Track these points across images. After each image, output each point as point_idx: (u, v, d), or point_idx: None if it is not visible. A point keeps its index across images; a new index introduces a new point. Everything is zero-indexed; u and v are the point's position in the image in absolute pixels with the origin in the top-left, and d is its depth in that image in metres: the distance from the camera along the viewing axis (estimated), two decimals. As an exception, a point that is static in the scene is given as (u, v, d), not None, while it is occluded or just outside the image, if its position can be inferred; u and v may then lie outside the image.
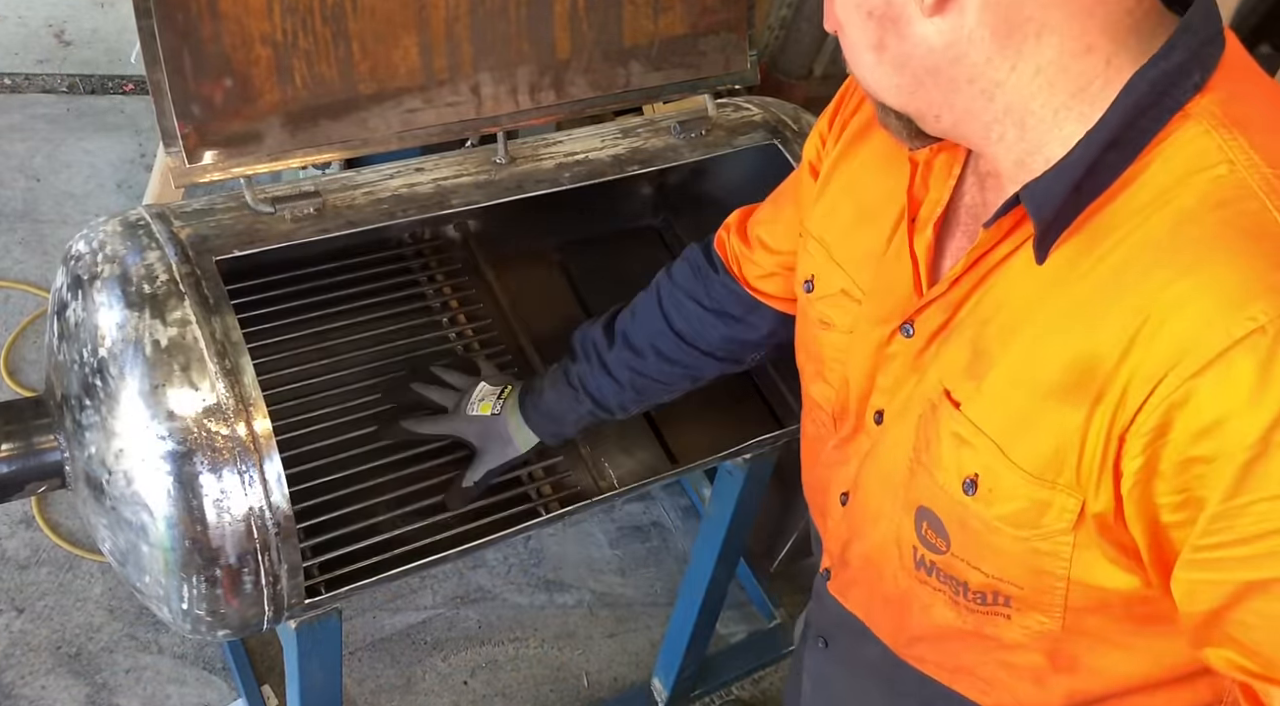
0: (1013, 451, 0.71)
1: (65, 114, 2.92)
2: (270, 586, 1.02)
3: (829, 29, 0.78)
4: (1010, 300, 0.72)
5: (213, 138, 1.06)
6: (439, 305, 1.33)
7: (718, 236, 1.15)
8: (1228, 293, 0.60)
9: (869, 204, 0.88)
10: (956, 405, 0.75)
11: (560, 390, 1.19)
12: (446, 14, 1.14)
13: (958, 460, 0.75)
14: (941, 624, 0.85)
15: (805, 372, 0.99)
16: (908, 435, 0.81)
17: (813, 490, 1.01)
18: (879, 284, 0.86)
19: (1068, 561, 0.72)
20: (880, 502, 0.86)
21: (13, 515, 2.05)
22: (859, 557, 0.92)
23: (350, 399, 1.21)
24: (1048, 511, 0.71)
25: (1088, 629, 0.77)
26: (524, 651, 2.07)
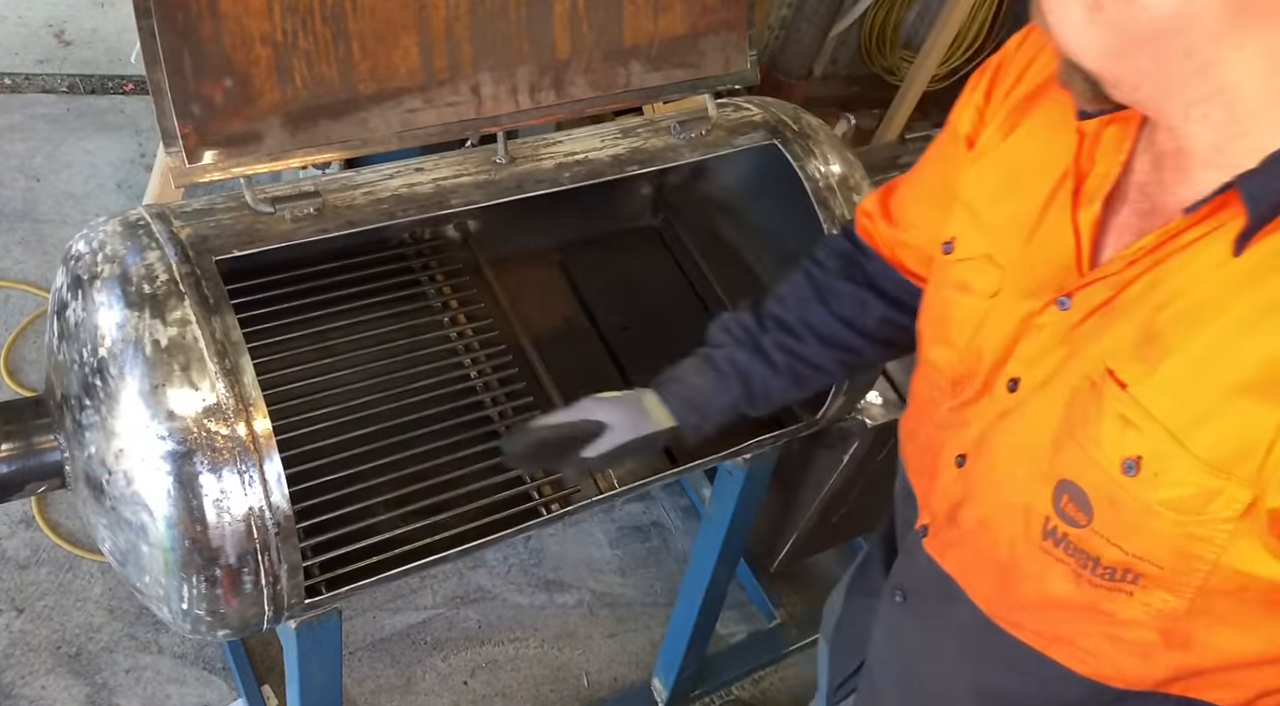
0: (1189, 440, 0.71)
1: (65, 114, 2.92)
2: (270, 586, 1.02)
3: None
4: (1195, 288, 0.71)
5: (213, 138, 1.06)
6: (439, 305, 1.33)
7: (859, 223, 1.13)
8: None
9: (1023, 172, 0.87)
10: (1123, 386, 0.74)
11: (705, 375, 1.11)
12: (446, 14, 1.14)
13: (1120, 441, 0.74)
14: (1055, 595, 0.84)
15: (925, 336, 0.99)
16: (1054, 408, 0.80)
17: (920, 449, 1.00)
18: (1031, 253, 0.85)
19: (1221, 548, 0.72)
20: (1010, 470, 0.85)
21: (13, 515, 2.05)
22: (972, 520, 0.91)
23: (350, 399, 1.21)
24: (1216, 499, 0.71)
25: (1213, 610, 0.77)
26: (524, 651, 2.07)
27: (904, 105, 3.10)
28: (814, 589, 2.32)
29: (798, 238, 1.48)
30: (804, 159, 1.38)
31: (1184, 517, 0.72)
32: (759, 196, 1.55)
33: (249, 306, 1.17)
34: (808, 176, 1.37)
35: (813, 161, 1.38)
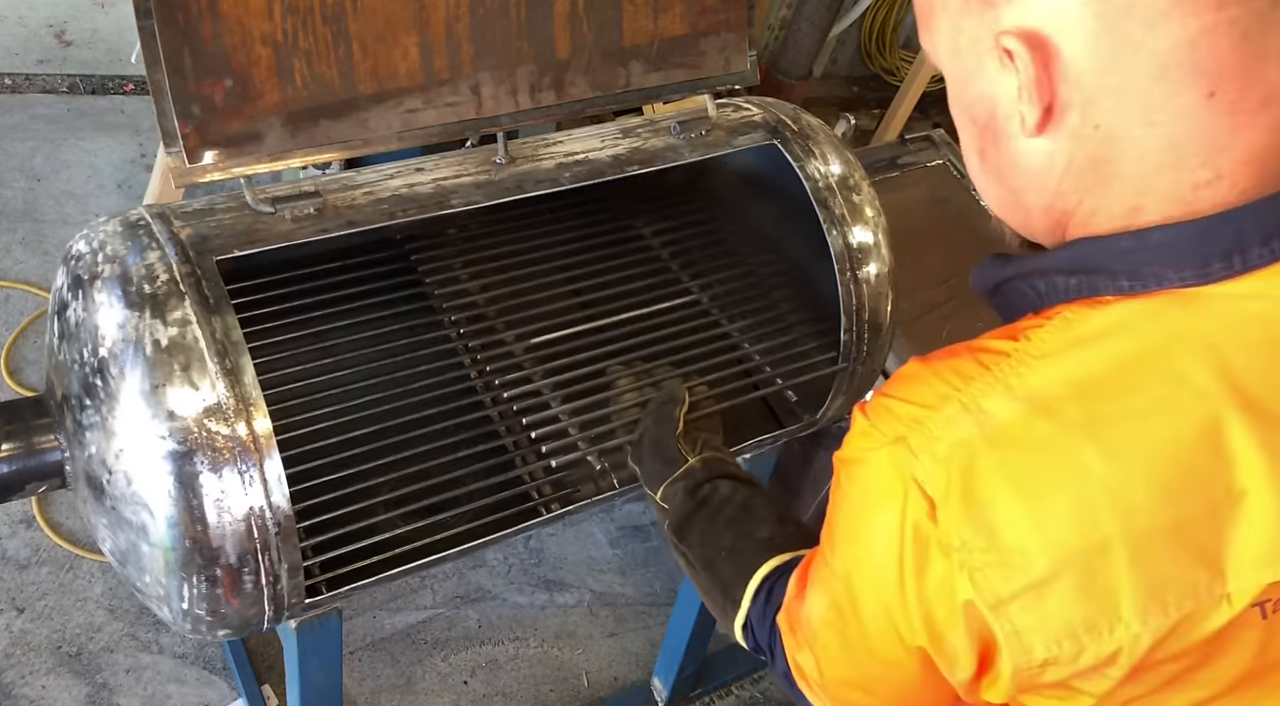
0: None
1: (65, 114, 2.92)
2: (270, 586, 1.03)
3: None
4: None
5: (213, 138, 1.06)
6: (439, 305, 1.33)
7: None
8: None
9: None
10: None
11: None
12: (446, 14, 1.15)
13: None
14: None
15: None
16: None
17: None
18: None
19: None
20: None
21: (13, 515, 2.05)
22: None
23: (350, 399, 1.20)
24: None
25: None
26: (524, 651, 2.07)
27: (904, 105, 3.10)
28: (814, 589, 2.32)
29: (798, 238, 1.48)
30: (804, 159, 1.38)
31: None
32: (759, 196, 1.55)
33: (249, 306, 1.17)
34: (807, 176, 1.37)
35: (813, 161, 1.38)
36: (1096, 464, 0.63)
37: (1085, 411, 0.64)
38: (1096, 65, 0.62)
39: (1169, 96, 0.61)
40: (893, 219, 1.42)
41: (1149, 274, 0.64)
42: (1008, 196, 0.72)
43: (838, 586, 0.76)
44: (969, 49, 0.68)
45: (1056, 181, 0.67)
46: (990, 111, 0.69)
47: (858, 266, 1.36)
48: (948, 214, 2.18)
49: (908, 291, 1.38)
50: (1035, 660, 0.66)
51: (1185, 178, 0.63)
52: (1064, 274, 0.68)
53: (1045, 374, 0.65)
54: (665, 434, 1.17)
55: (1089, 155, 0.65)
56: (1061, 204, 0.68)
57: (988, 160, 0.72)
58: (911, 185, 2.21)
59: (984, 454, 0.65)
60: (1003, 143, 0.69)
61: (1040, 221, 0.71)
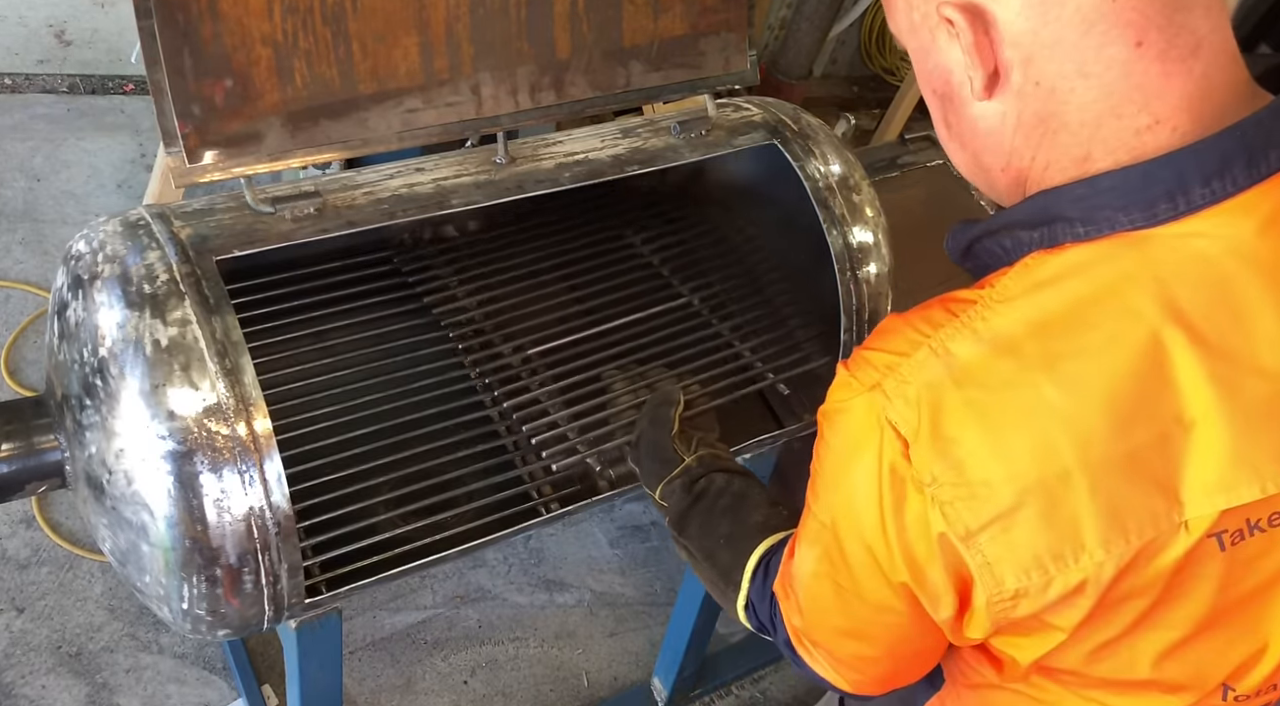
0: None
1: (65, 114, 2.92)
2: (270, 586, 1.03)
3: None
4: None
5: (213, 138, 1.06)
6: (439, 305, 1.33)
7: None
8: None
9: None
10: None
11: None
12: (446, 14, 1.15)
13: None
14: None
15: None
16: None
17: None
18: None
19: None
20: None
21: (13, 515, 2.05)
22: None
23: (350, 399, 1.20)
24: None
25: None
26: (524, 651, 2.07)
27: (904, 105, 3.10)
28: (814, 588, 2.32)
29: (798, 238, 1.48)
30: (804, 159, 1.38)
31: None
32: (759, 196, 1.55)
33: (249, 306, 1.17)
34: (807, 176, 1.37)
35: (812, 161, 1.38)
36: (1054, 397, 0.66)
37: (1043, 349, 0.67)
38: (1030, 24, 0.66)
39: (1099, 48, 0.65)
40: (893, 219, 1.42)
41: (1101, 218, 0.68)
42: (971, 161, 0.77)
43: (825, 535, 0.79)
44: (922, 24, 0.72)
45: (1009, 140, 0.71)
46: (946, 81, 0.73)
47: (858, 266, 1.36)
48: (948, 214, 2.18)
49: (908, 291, 1.38)
50: (1007, 591, 0.70)
51: (1126, 124, 0.67)
52: (1026, 228, 0.71)
53: (1007, 316, 0.69)
54: (661, 435, 1.19)
55: (1034, 112, 0.69)
56: (1017, 161, 0.72)
57: (951, 128, 0.76)
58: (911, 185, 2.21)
59: (951, 393, 0.68)
60: (961, 109, 0.73)
61: (1001, 181, 0.75)
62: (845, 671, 0.86)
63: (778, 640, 0.95)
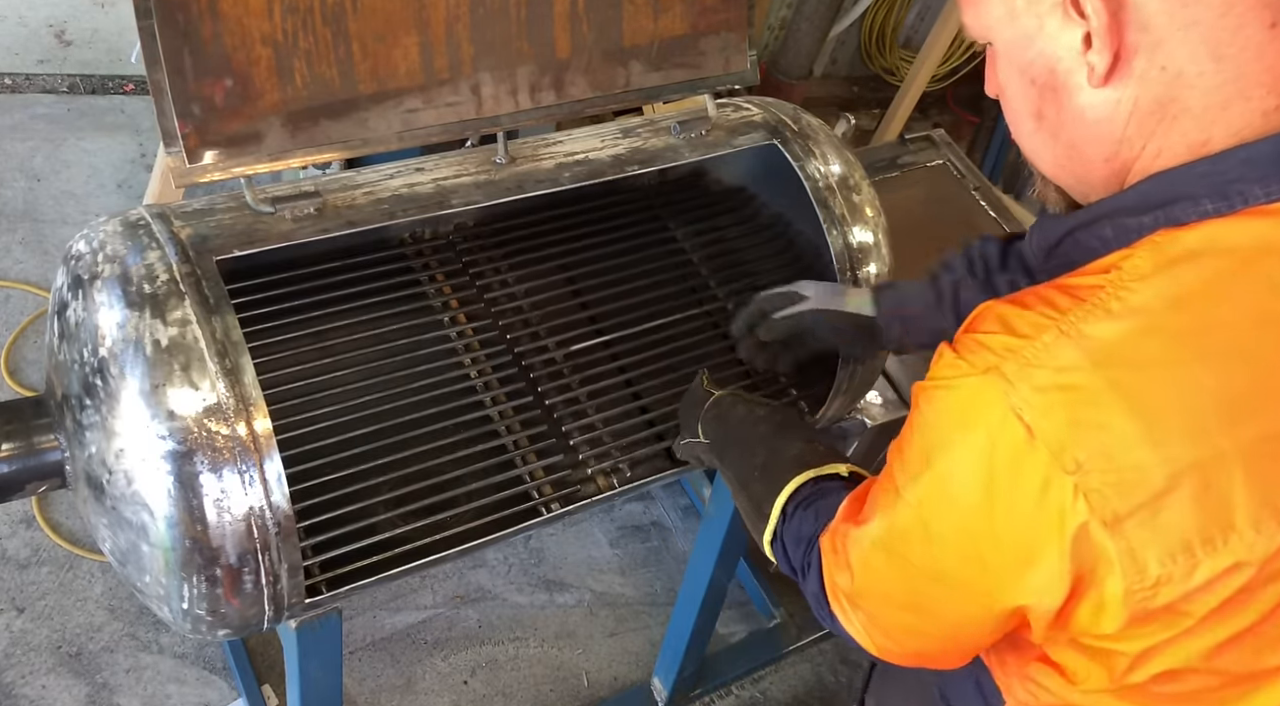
0: None
1: (65, 114, 2.92)
2: (270, 586, 1.03)
3: (990, 93, 0.79)
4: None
5: (213, 138, 1.06)
6: (439, 305, 1.33)
7: None
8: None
9: None
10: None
11: (925, 293, 1.18)
12: (446, 14, 1.15)
13: None
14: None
15: None
16: None
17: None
18: None
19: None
20: None
21: (13, 515, 2.05)
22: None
23: (350, 399, 1.20)
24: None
25: None
26: (524, 651, 2.07)
27: (904, 105, 3.10)
28: (814, 588, 2.32)
29: (798, 238, 1.48)
30: (804, 159, 1.38)
31: None
32: (759, 196, 1.55)
33: (249, 306, 1.17)
34: (807, 176, 1.37)
35: (812, 161, 1.38)
36: (1204, 375, 0.64)
37: (1187, 326, 0.65)
38: (1165, 6, 0.65)
39: (1235, 30, 0.64)
40: (893, 219, 1.42)
41: (1233, 192, 0.66)
42: (1064, 153, 0.74)
43: (905, 509, 0.76)
44: (1027, 10, 0.70)
45: (1121, 128, 0.69)
46: (1050, 68, 0.71)
47: (858, 266, 1.36)
48: (948, 214, 2.18)
49: (908, 291, 1.37)
50: (1149, 578, 0.66)
51: (1254, 106, 0.66)
52: (1134, 214, 0.69)
53: (1144, 294, 0.66)
54: (694, 386, 1.22)
55: (1154, 97, 0.67)
56: (1125, 151, 0.70)
57: (1044, 120, 0.73)
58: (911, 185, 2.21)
59: (1091, 376, 0.65)
60: (1064, 98, 0.71)
61: (1099, 173, 0.73)
62: (879, 637, 0.85)
63: (806, 588, 0.93)
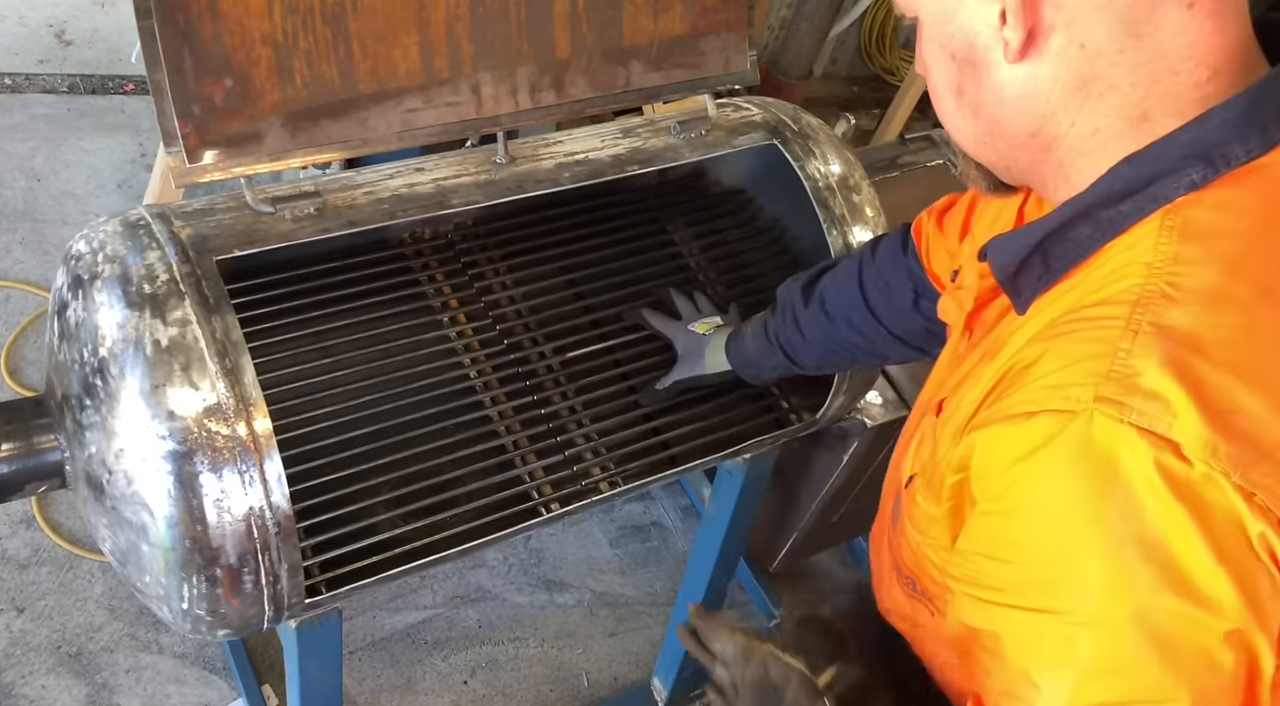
0: (938, 467, 0.77)
1: (65, 114, 2.92)
2: (270, 586, 1.03)
3: (919, 71, 0.79)
4: (1002, 343, 0.75)
5: (213, 138, 1.06)
6: (439, 305, 1.33)
7: (919, 216, 1.14)
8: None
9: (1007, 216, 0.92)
10: (938, 412, 0.81)
11: (758, 338, 1.27)
12: (446, 14, 1.15)
13: (914, 456, 0.84)
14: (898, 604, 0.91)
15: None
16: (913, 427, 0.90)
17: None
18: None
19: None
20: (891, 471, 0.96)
21: (13, 515, 2.05)
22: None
23: (350, 399, 1.20)
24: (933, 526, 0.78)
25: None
26: (524, 651, 2.07)
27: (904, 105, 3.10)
28: (814, 588, 2.32)
29: (798, 238, 1.48)
30: (804, 159, 1.38)
31: (918, 536, 0.79)
32: (759, 196, 1.55)
33: (249, 306, 1.17)
34: (807, 176, 1.37)
35: (812, 161, 1.38)
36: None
37: (1253, 287, 0.62)
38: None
39: (1151, 9, 0.64)
40: (893, 219, 1.42)
41: (1217, 156, 0.65)
42: (985, 130, 0.73)
43: (1083, 638, 0.59)
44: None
45: (1044, 104, 0.69)
46: (969, 44, 0.70)
47: (858, 266, 1.36)
48: (948, 214, 2.18)
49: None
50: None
51: (1184, 79, 0.65)
52: (1109, 204, 0.67)
53: (1194, 273, 0.62)
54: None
55: (1076, 74, 0.67)
56: (1051, 126, 0.69)
57: (965, 96, 0.73)
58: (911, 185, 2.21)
59: (1198, 363, 0.59)
60: (983, 74, 0.70)
61: (1024, 150, 0.72)
62: None
63: None
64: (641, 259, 1.46)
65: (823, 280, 1.21)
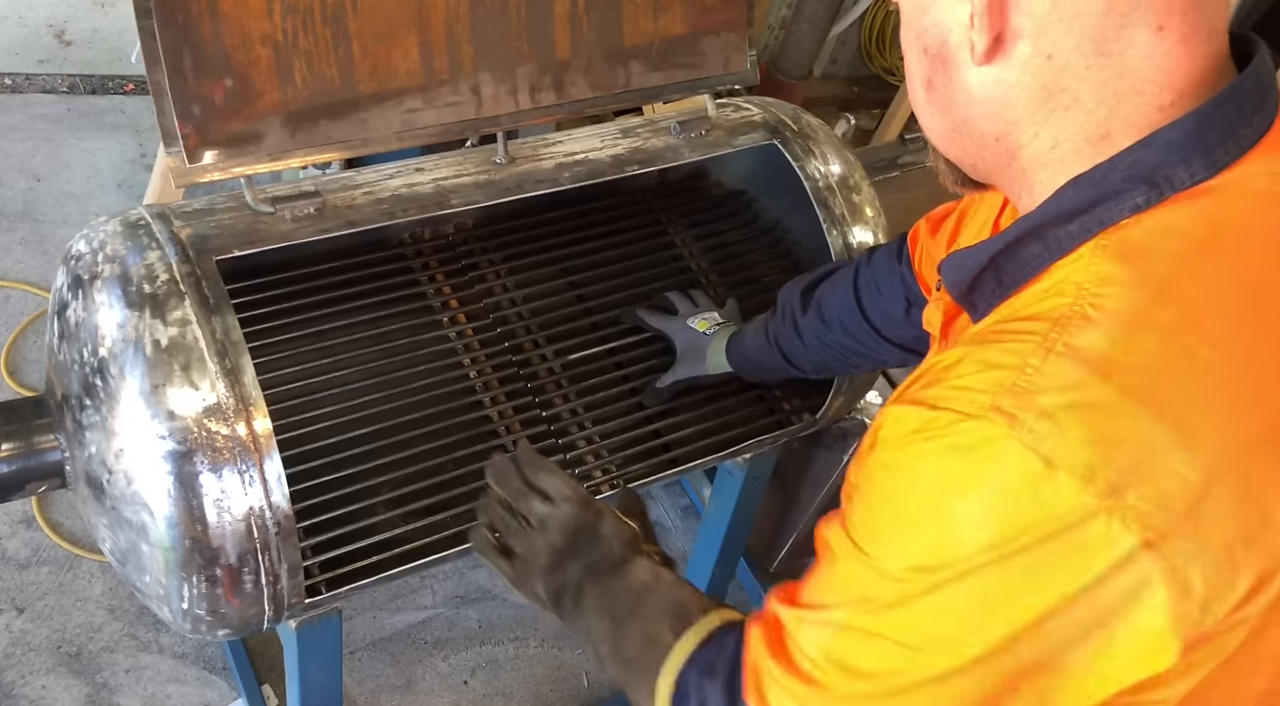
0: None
1: (65, 114, 2.92)
2: (270, 586, 1.03)
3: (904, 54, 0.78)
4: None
5: (213, 138, 1.06)
6: (439, 305, 1.33)
7: (916, 224, 1.13)
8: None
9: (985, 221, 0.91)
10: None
11: (759, 339, 1.28)
12: (446, 14, 1.15)
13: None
14: None
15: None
16: None
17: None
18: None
19: None
20: None
21: (13, 515, 2.05)
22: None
23: (350, 399, 1.20)
24: None
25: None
26: (524, 651, 2.07)
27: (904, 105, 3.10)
28: (814, 589, 2.32)
29: (798, 239, 1.48)
30: (804, 159, 1.38)
31: None
32: (759, 197, 1.55)
33: (249, 306, 1.17)
34: (807, 176, 1.37)
35: (813, 161, 1.38)
36: (1213, 361, 0.60)
37: (1176, 311, 0.61)
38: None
39: (1119, 28, 0.64)
40: (893, 219, 1.42)
41: (1161, 179, 0.65)
42: (952, 128, 0.73)
43: (888, 586, 0.64)
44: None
45: (1009, 110, 0.69)
46: (942, 40, 0.70)
47: (858, 266, 1.36)
48: (948, 214, 2.18)
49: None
50: (1197, 595, 0.59)
51: (1148, 101, 0.65)
52: (1058, 224, 0.67)
53: (1119, 295, 0.62)
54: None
55: (1042, 85, 0.67)
56: (1015, 134, 0.69)
57: (935, 91, 0.73)
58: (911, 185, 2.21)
59: (1100, 389, 0.59)
60: (952, 72, 0.70)
61: (990, 152, 0.72)
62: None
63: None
64: (642, 259, 1.46)
65: (821, 286, 1.22)
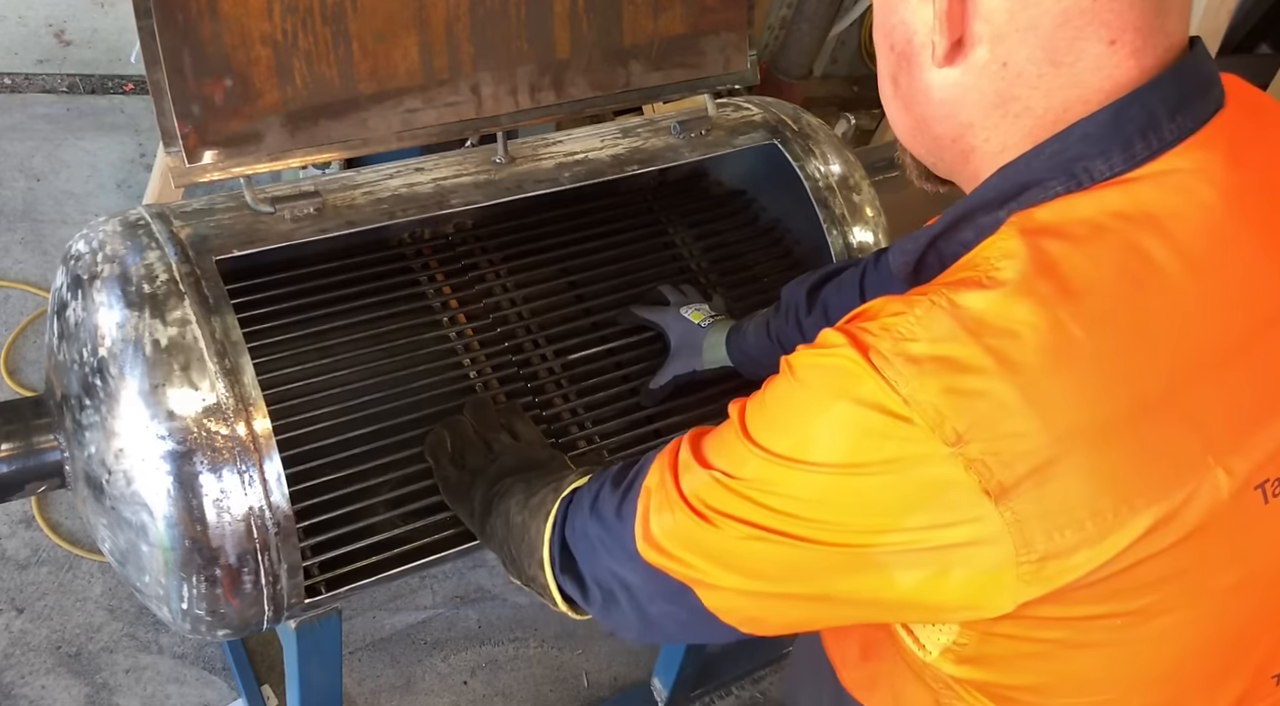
0: None
1: (65, 114, 2.92)
2: (270, 586, 1.02)
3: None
4: None
5: (213, 138, 1.06)
6: (439, 305, 1.33)
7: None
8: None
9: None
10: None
11: (760, 336, 1.26)
12: (446, 14, 1.15)
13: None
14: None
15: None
16: None
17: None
18: None
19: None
20: None
21: (13, 515, 2.05)
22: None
23: (350, 399, 1.20)
24: None
25: None
26: (524, 651, 2.07)
27: (904, 105, 3.10)
28: (814, 589, 2.32)
29: (798, 238, 1.48)
30: (804, 159, 1.38)
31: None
32: (759, 196, 1.55)
33: (249, 306, 1.17)
34: (807, 176, 1.37)
35: (813, 161, 1.38)
36: (1081, 337, 0.63)
37: (1058, 288, 0.64)
38: (1006, 4, 0.66)
39: (1072, 40, 0.65)
40: (893, 219, 1.42)
41: (1079, 170, 0.67)
42: (914, 125, 0.75)
43: (754, 462, 0.70)
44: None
45: (966, 113, 0.70)
46: (907, 39, 0.71)
47: (858, 266, 1.36)
48: (948, 214, 2.18)
49: (908, 291, 1.37)
50: (1035, 553, 0.63)
51: (1094, 111, 0.67)
52: (988, 210, 0.70)
53: (1010, 266, 0.65)
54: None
55: (996, 91, 0.68)
56: (970, 137, 0.71)
57: (899, 88, 0.74)
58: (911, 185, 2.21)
59: (966, 345, 0.63)
60: (915, 71, 0.72)
61: (948, 152, 0.74)
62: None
63: (590, 602, 0.86)
64: (641, 259, 1.46)
65: (827, 286, 1.22)
